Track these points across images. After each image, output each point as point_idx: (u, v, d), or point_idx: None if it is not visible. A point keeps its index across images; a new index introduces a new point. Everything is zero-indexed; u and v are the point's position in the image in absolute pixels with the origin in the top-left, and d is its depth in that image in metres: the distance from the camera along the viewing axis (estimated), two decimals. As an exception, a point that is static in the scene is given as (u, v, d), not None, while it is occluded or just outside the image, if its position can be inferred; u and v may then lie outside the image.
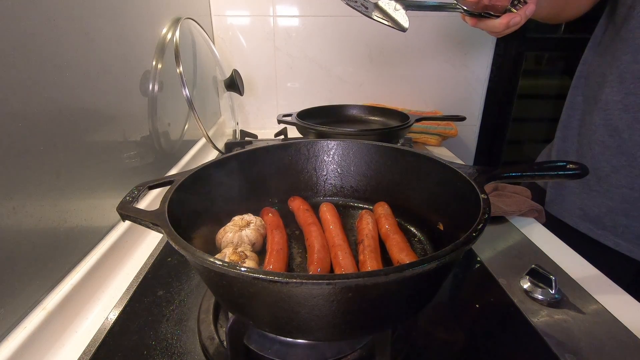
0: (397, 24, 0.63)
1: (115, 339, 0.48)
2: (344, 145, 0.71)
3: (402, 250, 0.53)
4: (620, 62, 0.72)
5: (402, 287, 0.37)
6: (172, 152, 0.96)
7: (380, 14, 0.64)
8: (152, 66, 0.84)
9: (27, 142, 0.46)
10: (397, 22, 0.63)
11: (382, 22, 0.63)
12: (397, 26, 0.64)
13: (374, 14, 0.63)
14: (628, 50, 0.70)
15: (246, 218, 0.60)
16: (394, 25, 0.64)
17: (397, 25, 0.64)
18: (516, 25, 0.66)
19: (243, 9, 1.35)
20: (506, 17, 0.66)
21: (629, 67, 0.70)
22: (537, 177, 0.53)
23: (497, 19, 0.67)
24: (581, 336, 0.50)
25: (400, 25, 0.63)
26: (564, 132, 0.87)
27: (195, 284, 0.58)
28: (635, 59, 0.69)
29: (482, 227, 0.40)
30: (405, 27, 0.63)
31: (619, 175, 0.73)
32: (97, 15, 0.62)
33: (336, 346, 0.46)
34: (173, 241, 0.39)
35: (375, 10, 0.64)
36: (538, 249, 0.69)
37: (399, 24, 0.63)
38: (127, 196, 0.49)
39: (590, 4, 0.82)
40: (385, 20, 0.64)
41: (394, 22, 0.64)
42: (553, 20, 0.87)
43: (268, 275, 0.33)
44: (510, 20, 0.66)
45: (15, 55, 0.44)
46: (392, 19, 0.63)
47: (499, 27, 0.67)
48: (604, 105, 0.75)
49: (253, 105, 1.50)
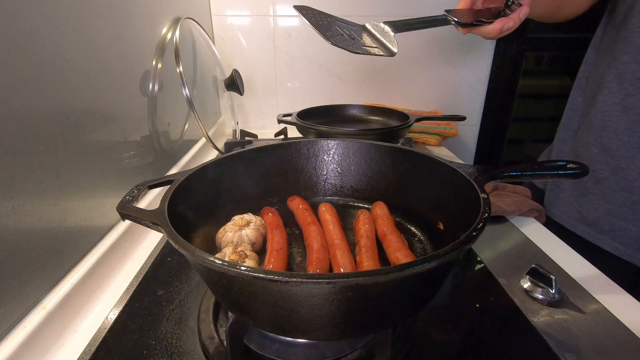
0: (386, 48, 0.58)
1: (115, 338, 0.48)
2: (344, 145, 0.71)
3: (399, 250, 0.53)
4: (619, 62, 0.71)
5: (402, 286, 0.37)
6: (172, 152, 0.96)
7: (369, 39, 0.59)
8: (152, 66, 0.84)
9: (26, 142, 0.46)
10: (385, 46, 0.58)
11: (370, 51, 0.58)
12: (385, 51, 0.58)
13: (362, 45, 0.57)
14: (627, 50, 0.69)
15: (246, 217, 0.60)
16: (383, 51, 0.58)
17: (386, 51, 0.58)
18: (510, 29, 0.65)
19: (243, 9, 1.35)
20: (499, 23, 0.65)
21: (628, 67, 0.69)
22: (537, 176, 0.53)
23: (490, 25, 0.66)
24: (581, 336, 0.49)
25: (389, 50, 0.58)
26: (563, 134, 0.87)
27: (195, 283, 0.58)
28: (634, 59, 0.68)
29: (482, 226, 0.40)
30: (394, 51, 0.58)
31: (617, 178, 0.72)
32: (97, 15, 0.62)
33: (336, 345, 0.46)
34: (173, 240, 0.38)
35: (364, 33, 0.59)
36: (538, 249, 0.69)
37: (388, 48, 0.58)
38: (127, 195, 0.48)
39: (588, 4, 0.82)
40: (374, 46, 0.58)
41: (382, 47, 0.59)
42: (550, 19, 0.86)
43: (268, 274, 0.33)
44: (503, 25, 0.65)
45: (15, 55, 0.44)
46: (381, 42, 0.59)
47: (492, 33, 0.66)
48: (603, 107, 0.74)
49: (253, 105, 1.50)
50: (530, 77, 1.62)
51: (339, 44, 0.54)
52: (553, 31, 1.57)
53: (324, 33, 0.54)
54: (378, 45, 0.58)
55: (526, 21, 0.69)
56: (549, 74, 1.73)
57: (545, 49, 1.64)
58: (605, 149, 0.74)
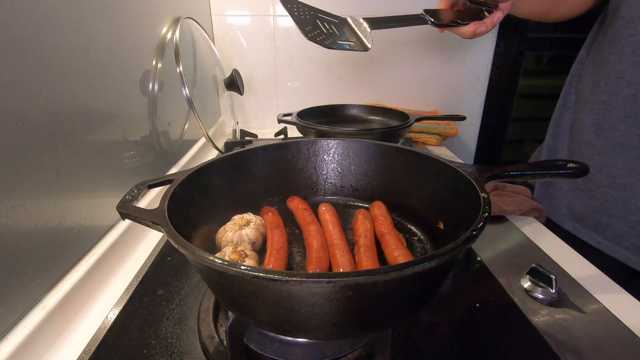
0: (362, 43, 0.60)
1: (115, 338, 0.48)
2: (344, 145, 0.71)
3: (396, 249, 0.53)
4: (607, 61, 0.72)
5: (402, 285, 0.37)
6: (172, 152, 0.96)
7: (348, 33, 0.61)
8: (152, 66, 0.84)
9: (26, 141, 0.46)
10: (361, 41, 0.60)
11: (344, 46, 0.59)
12: (360, 47, 0.60)
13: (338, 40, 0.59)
14: (613, 50, 0.71)
15: (246, 217, 0.60)
16: (358, 46, 0.60)
17: (361, 46, 0.60)
18: (482, 33, 0.71)
19: (243, 9, 1.35)
20: (473, 26, 0.70)
21: (614, 67, 0.71)
22: (537, 176, 0.53)
23: (465, 27, 0.71)
24: (581, 335, 0.49)
25: (364, 45, 0.60)
26: (555, 130, 0.88)
27: (195, 283, 0.58)
28: (619, 59, 0.70)
29: (482, 225, 0.40)
30: (368, 46, 0.60)
31: (602, 175, 0.74)
32: (96, 15, 0.62)
33: (336, 345, 0.46)
34: (173, 240, 0.38)
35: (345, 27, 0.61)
36: (538, 248, 0.69)
37: (364, 43, 0.60)
38: (127, 195, 0.48)
39: (585, 5, 0.82)
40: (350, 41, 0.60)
41: (358, 42, 0.60)
42: (543, 19, 0.87)
43: (268, 273, 0.33)
44: (476, 28, 0.70)
45: (15, 55, 0.44)
46: (358, 37, 0.60)
47: (466, 34, 0.72)
48: (592, 105, 0.76)
49: (253, 104, 1.50)
50: (530, 77, 1.62)
51: (314, 40, 0.56)
52: (553, 31, 1.57)
53: (303, 28, 0.56)
54: (355, 40, 0.60)
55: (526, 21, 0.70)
56: (549, 73, 1.73)
57: (545, 49, 1.64)
58: (592, 146, 0.76)
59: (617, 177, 0.72)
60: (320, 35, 0.57)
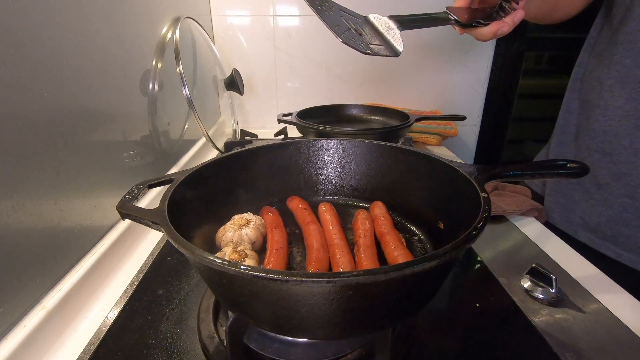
0: (391, 47, 0.53)
1: (115, 337, 0.48)
2: (344, 144, 0.71)
3: (396, 249, 0.53)
4: (621, 66, 0.70)
5: (402, 285, 0.37)
6: (172, 152, 0.96)
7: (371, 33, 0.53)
8: (152, 65, 0.84)
9: (26, 141, 0.46)
10: (390, 44, 0.53)
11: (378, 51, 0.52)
12: (390, 51, 0.53)
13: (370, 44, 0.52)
14: (628, 54, 0.68)
15: (246, 217, 0.60)
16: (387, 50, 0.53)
17: (391, 50, 0.53)
18: (504, 33, 0.66)
19: (243, 9, 1.35)
20: (495, 26, 0.65)
21: (630, 71, 0.68)
22: (537, 175, 0.53)
23: (486, 27, 0.66)
24: (582, 335, 0.49)
25: (394, 50, 0.53)
26: (561, 137, 0.86)
27: (195, 283, 0.58)
28: (636, 63, 0.67)
29: (482, 225, 0.40)
30: (399, 51, 0.53)
31: (620, 184, 0.71)
32: (97, 15, 0.62)
33: (336, 345, 0.46)
34: (173, 240, 0.38)
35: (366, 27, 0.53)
36: (538, 248, 0.69)
37: (393, 47, 0.53)
38: (127, 195, 0.48)
39: (582, 5, 0.81)
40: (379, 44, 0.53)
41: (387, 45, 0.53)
42: (544, 20, 0.86)
43: (268, 273, 0.33)
44: (499, 29, 0.65)
45: (15, 54, 0.44)
46: (385, 39, 0.53)
47: (487, 35, 0.67)
48: (603, 111, 0.73)
49: (253, 104, 1.50)
50: (530, 77, 1.62)
51: (349, 42, 0.50)
52: (553, 31, 1.57)
53: (333, 27, 0.49)
54: (382, 42, 0.54)
55: (524, 21, 0.69)
56: (549, 74, 1.73)
57: (545, 49, 1.64)
58: (606, 154, 0.73)
59: (638, 186, 0.69)
60: (353, 37, 0.50)
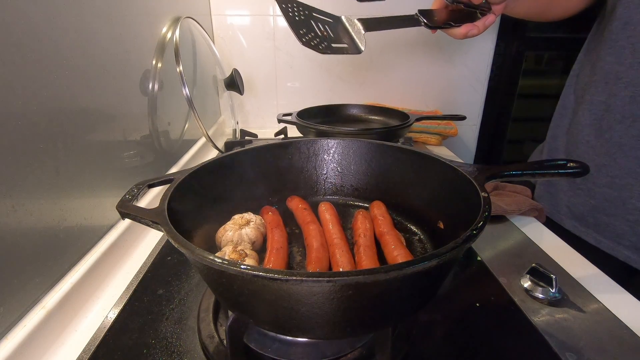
0: (356, 46, 0.59)
1: (115, 337, 0.48)
2: (344, 144, 0.71)
3: (396, 249, 0.53)
4: (604, 62, 0.73)
5: (402, 285, 0.37)
6: (172, 151, 0.96)
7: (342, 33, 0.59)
8: (152, 65, 0.84)
9: (26, 141, 0.46)
10: (355, 43, 0.59)
11: (339, 51, 0.58)
12: (354, 50, 0.59)
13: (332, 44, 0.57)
14: (611, 51, 0.71)
15: (246, 217, 0.60)
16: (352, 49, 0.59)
17: (355, 49, 0.59)
18: (474, 35, 0.72)
19: (243, 9, 1.35)
20: (465, 28, 0.71)
21: (612, 68, 0.71)
22: (537, 175, 0.53)
23: (457, 29, 0.71)
24: (582, 335, 0.49)
25: (357, 48, 0.59)
26: (555, 131, 0.89)
27: (195, 282, 0.58)
28: (617, 60, 0.70)
29: (482, 225, 0.40)
30: (361, 49, 0.59)
31: (601, 175, 0.75)
32: (97, 15, 0.62)
33: (336, 344, 0.46)
34: (173, 239, 0.38)
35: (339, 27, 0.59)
36: (538, 248, 0.69)
37: (357, 46, 0.59)
38: (127, 194, 0.48)
39: (578, 6, 0.83)
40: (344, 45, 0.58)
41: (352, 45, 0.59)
42: (538, 19, 0.88)
43: (268, 272, 0.33)
44: (468, 31, 0.71)
45: (15, 54, 0.44)
46: (352, 39, 0.59)
47: (457, 36, 0.73)
48: (589, 105, 0.76)
49: (253, 104, 1.50)
50: (530, 77, 1.62)
51: (309, 45, 0.55)
52: (553, 31, 1.57)
53: (298, 32, 0.55)
54: (348, 41, 0.59)
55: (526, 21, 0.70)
56: (549, 73, 1.73)
57: (545, 49, 1.64)
58: (591, 146, 0.76)
59: (616, 177, 0.72)
60: (314, 39, 0.56)
